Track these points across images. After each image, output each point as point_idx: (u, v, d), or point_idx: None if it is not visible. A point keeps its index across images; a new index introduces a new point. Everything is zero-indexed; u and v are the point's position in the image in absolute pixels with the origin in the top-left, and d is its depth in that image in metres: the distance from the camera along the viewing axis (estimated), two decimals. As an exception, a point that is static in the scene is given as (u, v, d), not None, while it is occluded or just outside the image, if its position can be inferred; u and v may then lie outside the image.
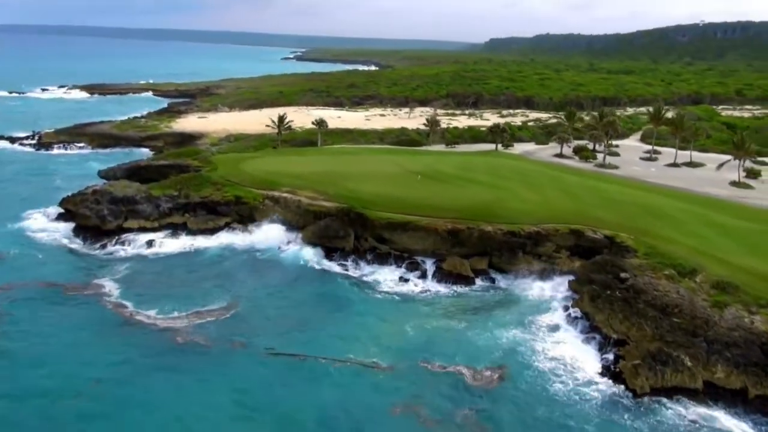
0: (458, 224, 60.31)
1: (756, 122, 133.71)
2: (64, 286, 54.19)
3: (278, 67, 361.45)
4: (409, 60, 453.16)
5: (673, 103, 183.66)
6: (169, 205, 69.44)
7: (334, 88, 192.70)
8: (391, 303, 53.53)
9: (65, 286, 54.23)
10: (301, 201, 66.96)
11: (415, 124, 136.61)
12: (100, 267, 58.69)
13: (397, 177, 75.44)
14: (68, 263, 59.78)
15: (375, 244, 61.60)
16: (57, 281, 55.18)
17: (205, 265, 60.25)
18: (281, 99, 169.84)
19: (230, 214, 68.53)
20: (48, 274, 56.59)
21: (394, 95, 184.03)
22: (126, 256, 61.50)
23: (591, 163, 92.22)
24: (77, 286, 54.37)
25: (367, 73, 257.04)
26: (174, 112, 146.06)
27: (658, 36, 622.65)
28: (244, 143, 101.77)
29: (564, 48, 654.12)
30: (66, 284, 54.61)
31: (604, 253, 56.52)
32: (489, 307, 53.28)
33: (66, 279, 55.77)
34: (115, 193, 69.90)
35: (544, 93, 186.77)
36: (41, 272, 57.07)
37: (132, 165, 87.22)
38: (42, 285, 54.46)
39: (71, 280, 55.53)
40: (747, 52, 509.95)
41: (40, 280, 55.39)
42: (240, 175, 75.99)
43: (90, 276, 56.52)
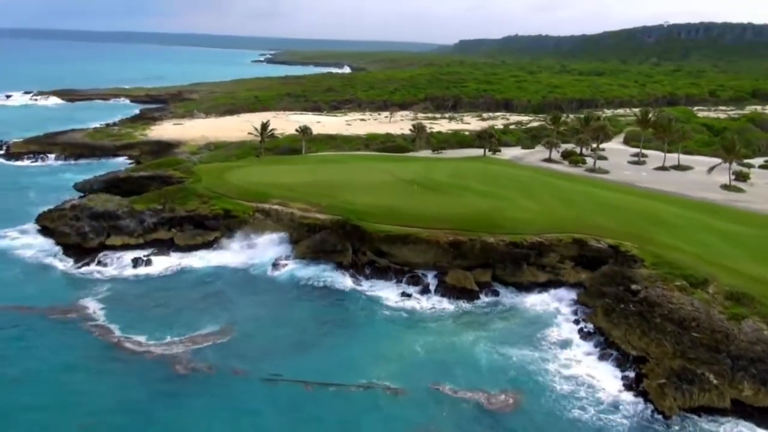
0: (460, 236, 58.49)
1: (733, 123, 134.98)
2: (45, 310, 50.94)
3: (249, 70, 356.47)
4: (382, 62, 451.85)
5: (649, 105, 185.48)
6: (153, 220, 66.24)
7: (311, 93, 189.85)
8: (396, 320, 51.42)
9: (47, 310, 50.97)
10: (294, 213, 64.42)
11: (397, 128, 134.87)
12: (84, 288, 55.29)
13: (390, 186, 73.36)
14: (49, 285, 56.20)
15: (374, 257, 59.43)
16: (37, 305, 51.81)
17: (195, 285, 57.27)
18: (258, 104, 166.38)
19: (219, 228, 65.59)
20: (27, 297, 53.13)
21: (373, 99, 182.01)
22: (110, 276, 58.12)
23: (581, 167, 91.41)
24: (60, 310, 51.11)
25: (342, 77, 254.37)
26: (148, 119, 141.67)
27: (624, 37, 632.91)
28: (225, 152, 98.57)
29: (532, 49, 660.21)
30: (47, 308, 51.30)
31: (609, 263, 55.34)
32: (496, 322, 51.54)
33: (47, 302, 52.31)
34: (95, 208, 66.45)
35: (522, 95, 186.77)
36: (20, 295, 53.58)
37: (110, 176, 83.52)
38: (22, 309, 51.06)
39: (53, 303, 52.09)
40: (710, 53, 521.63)
41: (20, 303, 51.92)
42: (226, 186, 73.09)
43: (73, 298, 53.17)
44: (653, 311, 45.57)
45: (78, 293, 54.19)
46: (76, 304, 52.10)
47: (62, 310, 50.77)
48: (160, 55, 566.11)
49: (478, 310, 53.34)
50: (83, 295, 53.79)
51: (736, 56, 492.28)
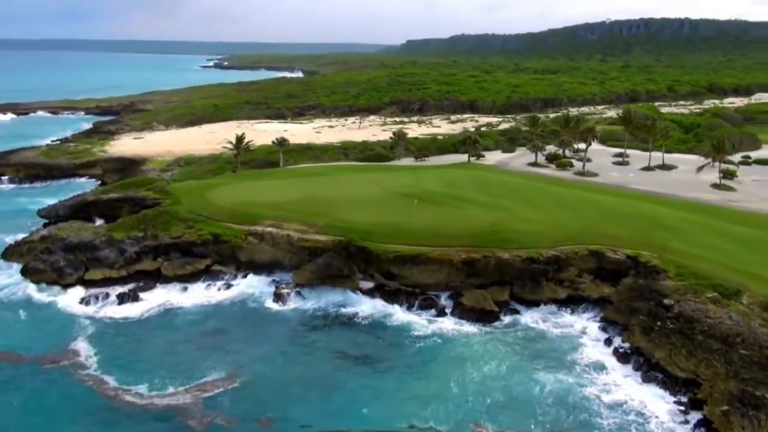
0: (473, 253, 55.49)
1: (699, 119, 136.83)
2: (33, 359, 45.80)
3: (199, 77, 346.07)
4: (335, 65, 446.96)
5: (611, 102, 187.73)
6: (135, 249, 60.79)
7: (272, 99, 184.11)
8: (417, 350, 47.92)
9: (35, 359, 45.84)
10: (291, 236, 60.08)
11: (368, 135, 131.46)
12: (70, 331, 49.97)
13: (385, 200, 69.86)
14: (32, 329, 50.51)
15: (383, 280, 55.79)
16: (24, 352, 46.60)
17: (190, 322, 52.46)
18: (218, 113, 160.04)
19: (209, 255, 60.73)
20: (11, 345, 47.68)
21: (337, 104, 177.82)
22: (96, 316, 52.68)
23: (569, 171, 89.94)
24: (49, 358, 45.94)
25: (300, 81, 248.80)
26: (104, 133, 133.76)
27: (568, 34, 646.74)
28: (198, 167, 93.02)
29: (479, 48, 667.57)
30: (35, 356, 46.13)
31: (630, 275, 53.27)
32: (522, 346, 48.63)
33: (34, 349, 47.06)
34: (69, 239, 60.68)
35: (485, 96, 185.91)
36: (1, 343, 47.96)
37: (77, 201, 77.21)
38: (7, 359, 45.77)
39: (41, 350, 46.89)
40: (651, 48, 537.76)
41: (3, 352, 46.50)
42: (210, 207, 68.11)
43: (61, 343, 47.95)
44: (693, 327, 43.48)
45: (65, 337, 48.92)
46: (65, 349, 46.97)
47: (52, 358, 45.58)
48: (105, 63, 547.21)
49: (501, 333, 50.35)
50: (71, 338, 48.61)
51: (675, 50, 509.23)
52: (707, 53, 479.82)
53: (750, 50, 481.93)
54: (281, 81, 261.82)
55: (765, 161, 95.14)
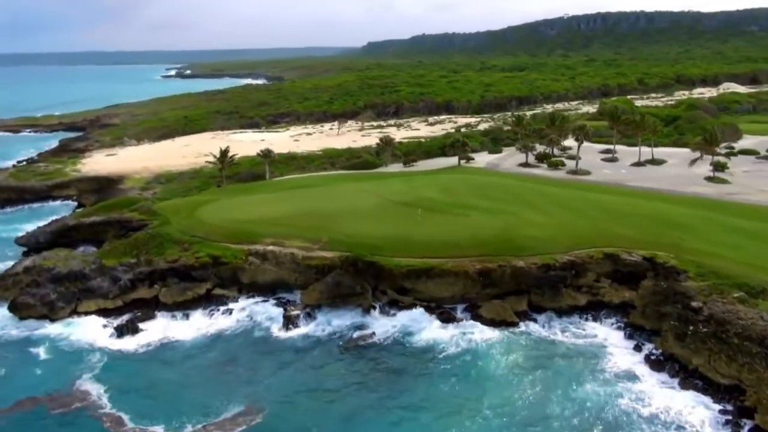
0: (488, 263, 53.77)
1: (675, 111, 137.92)
2: (43, 401, 42.69)
3: (163, 87, 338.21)
4: (298, 70, 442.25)
5: (584, 97, 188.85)
6: (129, 277, 57.48)
7: (243, 108, 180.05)
8: (442, 371, 45.58)
9: (45, 401, 42.71)
10: (294, 254, 57.48)
11: (348, 141, 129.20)
12: (74, 369, 46.55)
13: (385, 211, 67.66)
14: (27, 371, 46.67)
15: (396, 296, 53.64)
16: (24, 397, 43.07)
17: (196, 353, 49.40)
18: (190, 125, 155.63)
19: (209, 278, 57.73)
20: (16, 389, 44.20)
21: (311, 110, 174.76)
22: (96, 350, 49.15)
23: (561, 170, 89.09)
24: (60, 401, 42.76)
25: (269, 88, 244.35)
26: (74, 151, 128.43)
27: (527, 31, 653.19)
28: (180, 184, 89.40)
29: (440, 47, 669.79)
30: (45, 397, 42.96)
31: (648, 276, 52.20)
32: (548, 357, 46.94)
33: (34, 392, 43.59)
34: (57, 269, 57.06)
35: (460, 96, 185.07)
36: (6, 387, 44.48)
37: (58, 226, 73.12)
38: (17, 406, 42.30)
39: (48, 392, 43.54)
40: (609, 41, 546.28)
41: (11, 396, 43.15)
42: (203, 227, 65.00)
43: (63, 384, 44.58)
44: (726, 330, 42.43)
45: (69, 375, 45.63)
46: (73, 389, 43.92)
47: (61, 401, 42.47)
48: (61, 76, 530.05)
49: (524, 345, 48.62)
50: (76, 377, 45.40)
51: (633, 43, 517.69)
52: (664, 44, 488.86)
53: (705, 40, 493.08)
54: (249, 88, 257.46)
55: (750, 152, 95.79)
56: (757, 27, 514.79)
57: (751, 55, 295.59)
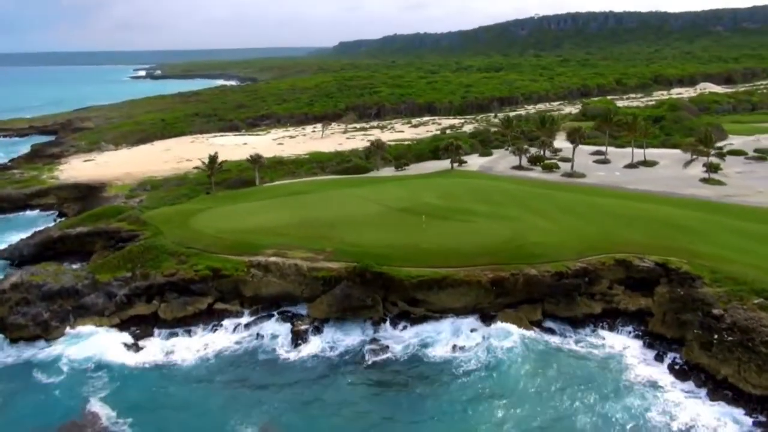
0: (500, 272, 52.51)
1: (656, 111, 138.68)
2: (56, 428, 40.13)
3: (134, 88, 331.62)
4: (271, 70, 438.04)
5: (565, 98, 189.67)
6: (125, 292, 54.80)
7: (222, 110, 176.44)
8: (460, 385, 44.09)
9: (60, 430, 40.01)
10: (299, 265, 55.41)
11: (333, 144, 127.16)
12: (75, 393, 44.18)
13: (387, 218, 66.08)
14: (30, 398, 44.06)
15: (407, 307, 52.04)
16: (44, 424, 40.67)
17: (203, 372, 47.16)
18: (168, 128, 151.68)
19: (210, 292, 55.32)
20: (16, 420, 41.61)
21: (291, 113, 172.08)
22: (97, 372, 46.51)
23: (556, 173, 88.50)
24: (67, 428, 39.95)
25: (245, 90, 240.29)
26: (48, 157, 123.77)
27: (499, 31, 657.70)
28: (167, 191, 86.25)
29: (412, 47, 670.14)
30: (59, 427, 40.37)
31: (662, 283, 51.55)
32: (568, 369, 45.82)
33: (44, 421, 41.08)
34: (47, 285, 54.09)
35: (441, 97, 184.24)
36: (16, 418, 42.05)
37: (42, 238, 69.91)
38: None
39: (61, 420, 41.02)
40: (579, 41, 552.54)
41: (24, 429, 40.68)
42: (199, 237, 62.52)
43: (71, 410, 42.16)
44: (752, 339, 41.77)
45: (75, 400, 43.36)
46: (83, 415, 41.54)
47: (74, 429, 39.62)
48: (26, 77, 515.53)
49: (543, 356, 47.39)
50: (82, 401, 43.08)
51: (602, 43, 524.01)
52: (633, 44, 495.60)
53: (673, 40, 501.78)
54: (224, 90, 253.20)
55: (738, 152, 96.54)
56: (722, 27, 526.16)
57: (721, 55, 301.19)
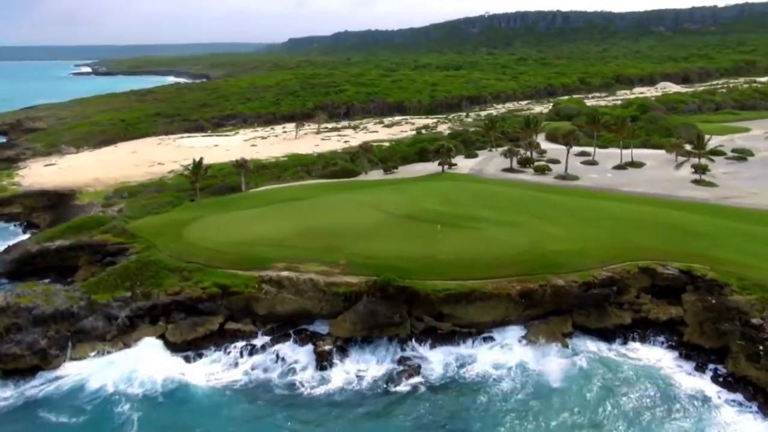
0: (528, 283, 50.83)
1: (626, 111, 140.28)
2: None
3: (79, 86, 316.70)
4: (223, 67, 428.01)
5: (532, 97, 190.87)
6: (126, 314, 50.59)
7: (184, 110, 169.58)
8: (504, 407, 42.13)
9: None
10: (315, 280, 52.32)
11: (308, 145, 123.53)
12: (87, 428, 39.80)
13: (394, 227, 63.65)
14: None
15: (434, 323, 49.73)
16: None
17: (224, 401, 43.86)
18: (130, 129, 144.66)
19: (219, 311, 51.64)
20: None
21: (258, 112, 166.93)
22: (108, 403, 42.47)
23: (548, 175, 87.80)
24: None
25: (203, 88, 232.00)
26: (4, 161, 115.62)
27: (450, 28, 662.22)
28: (148, 199, 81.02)
29: (364, 44, 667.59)
30: None
31: (688, 290, 50.98)
32: (612, 385, 44.42)
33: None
34: (39, 308, 49.36)
35: (409, 97, 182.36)
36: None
37: (19, 253, 64.74)
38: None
39: None
40: (530, 39, 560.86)
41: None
42: (197, 251, 58.59)
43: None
44: (797, 349, 41.41)
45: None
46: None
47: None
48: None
49: (582, 371, 45.87)
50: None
51: (551, 41, 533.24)
52: (581, 43, 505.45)
53: (619, 39, 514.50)
54: (181, 88, 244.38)
55: (719, 152, 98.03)
56: (664, 27, 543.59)
57: (671, 55, 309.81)
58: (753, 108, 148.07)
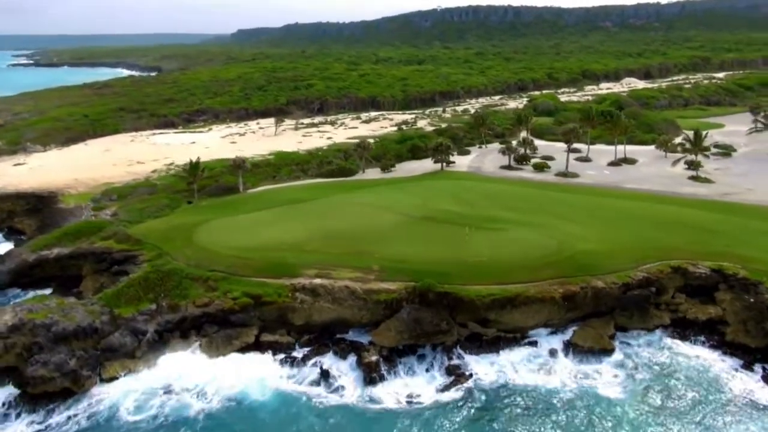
0: (570, 286, 50.41)
1: (600, 107, 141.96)
2: None
3: (26, 78, 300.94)
4: (174, 59, 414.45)
5: (503, 92, 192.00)
6: (154, 328, 47.54)
7: (150, 105, 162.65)
8: (566, 419, 41.19)
9: None
10: (351, 287, 50.49)
11: (290, 142, 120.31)
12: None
13: (416, 229, 62.43)
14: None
15: (479, 329, 48.72)
16: None
17: (278, 420, 41.53)
18: (96, 126, 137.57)
19: (252, 323, 49.21)
20: None
21: (229, 107, 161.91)
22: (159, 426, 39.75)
23: (547, 172, 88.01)
24: None
25: (163, 81, 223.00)
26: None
27: (402, 22, 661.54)
28: (142, 201, 76.80)
29: (316, 37, 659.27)
30: None
31: (722, 289, 51.67)
32: (669, 388, 43.82)
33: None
34: (58, 324, 45.98)
35: (381, 92, 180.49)
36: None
37: (16, 263, 60.35)
38: None
39: None
40: (482, 33, 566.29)
41: None
42: (215, 257, 55.96)
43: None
44: None
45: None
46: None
47: None
48: None
49: (635, 375, 45.22)
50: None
51: (503, 36, 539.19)
52: (531, 38, 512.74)
53: (568, 34, 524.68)
54: (139, 81, 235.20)
55: (703, 148, 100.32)
56: (611, 23, 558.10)
57: (623, 50, 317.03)
58: (718, 104, 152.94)
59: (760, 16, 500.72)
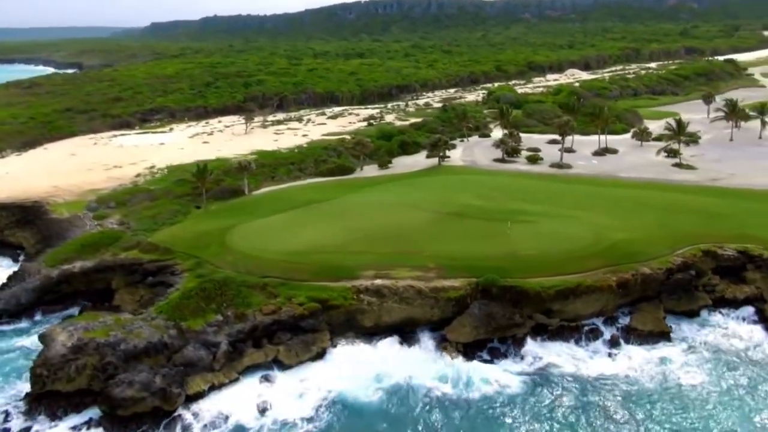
0: (622, 273, 52.87)
1: (559, 98, 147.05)
2: None
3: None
4: (93, 54, 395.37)
5: (457, 85, 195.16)
6: (226, 339, 46.15)
7: (100, 105, 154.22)
8: (648, 406, 42.85)
9: None
10: (416, 286, 50.78)
11: (264, 140, 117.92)
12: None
13: (452, 225, 63.43)
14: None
15: (545, 320, 50.31)
16: None
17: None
18: (50, 128, 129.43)
19: (322, 327, 48.65)
20: None
21: (186, 106, 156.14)
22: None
23: (542, 164, 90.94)
24: None
25: (99, 79, 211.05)
26: None
27: (326, 14, 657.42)
28: (149, 208, 73.00)
29: (236, 30, 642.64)
30: None
31: (750, 269, 55.76)
32: (735, 372, 46.06)
33: None
34: (126, 341, 44.06)
35: (335, 87, 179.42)
36: None
37: (41, 280, 56.50)
38: None
39: None
40: (406, 25, 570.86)
41: None
42: (265, 263, 55.07)
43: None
44: None
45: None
46: None
47: None
48: None
49: (702, 357, 47.66)
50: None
51: (428, 28, 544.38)
52: (454, 30, 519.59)
53: (491, 26, 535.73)
54: (77, 79, 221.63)
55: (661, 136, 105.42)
56: (529, 15, 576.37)
57: (548, 41, 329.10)
58: (662, 93, 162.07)
59: (666, 8, 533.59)
